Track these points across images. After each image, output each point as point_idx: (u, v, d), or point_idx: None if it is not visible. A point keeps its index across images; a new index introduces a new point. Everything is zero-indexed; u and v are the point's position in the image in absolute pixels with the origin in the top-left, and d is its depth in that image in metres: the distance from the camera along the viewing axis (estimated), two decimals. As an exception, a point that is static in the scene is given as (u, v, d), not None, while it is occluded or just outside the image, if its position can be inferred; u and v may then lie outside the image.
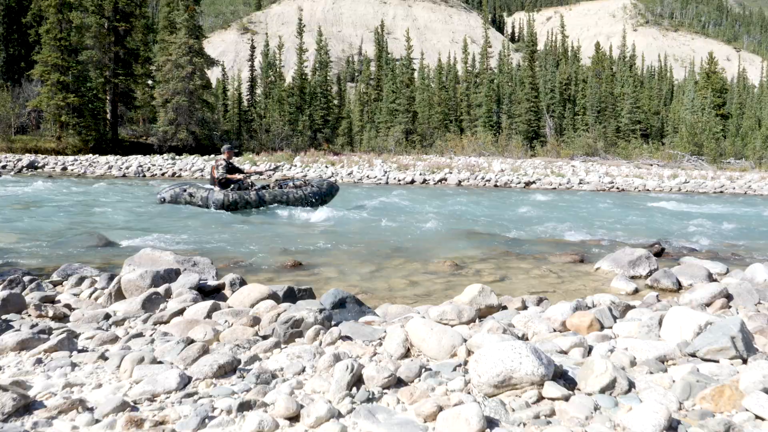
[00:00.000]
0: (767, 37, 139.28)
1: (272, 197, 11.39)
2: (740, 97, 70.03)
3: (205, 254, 6.66)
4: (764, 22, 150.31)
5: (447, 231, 9.69)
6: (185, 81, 33.92)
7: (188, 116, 34.52)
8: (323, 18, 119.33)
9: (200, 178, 23.55)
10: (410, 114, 48.16)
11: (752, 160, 41.72)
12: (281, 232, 8.98)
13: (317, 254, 7.04)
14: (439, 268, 6.40)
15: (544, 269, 6.34)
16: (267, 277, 5.71)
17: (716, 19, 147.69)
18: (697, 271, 5.66)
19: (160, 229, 8.68)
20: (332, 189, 12.35)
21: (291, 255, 6.84)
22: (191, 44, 34.14)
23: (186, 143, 34.12)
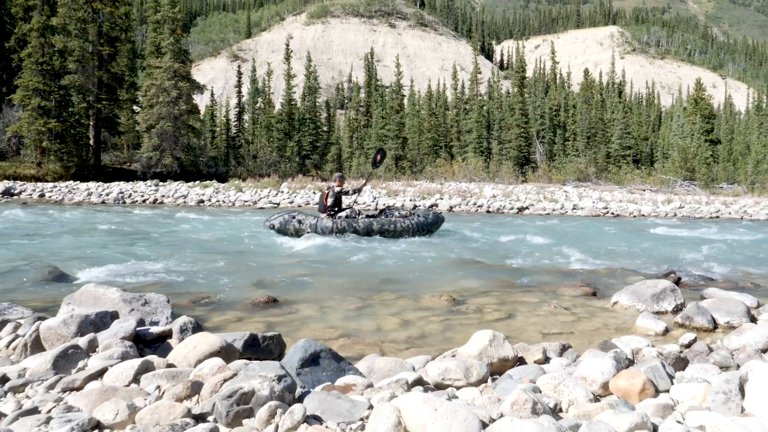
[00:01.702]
0: (752, 65, 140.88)
1: (380, 226, 11.25)
2: (728, 123, 70.20)
3: (170, 288, 5.85)
4: (748, 50, 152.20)
5: (441, 260, 8.89)
6: (170, 106, 33.19)
7: (173, 142, 33.72)
8: (313, 45, 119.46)
9: (183, 205, 22.71)
10: (400, 140, 47.59)
11: (744, 184, 41.34)
12: (260, 262, 8.15)
13: (296, 288, 6.22)
14: (434, 303, 5.60)
15: (555, 305, 5.54)
16: (234, 317, 4.88)
17: (702, 47, 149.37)
18: (733, 307, 4.88)
19: (129, 258, 7.83)
20: (438, 219, 12.18)
21: (266, 289, 6.01)
22: (177, 68, 33.48)
23: (171, 169, 33.26)
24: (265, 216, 17.69)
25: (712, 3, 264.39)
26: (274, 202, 23.76)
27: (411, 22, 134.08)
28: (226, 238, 11.20)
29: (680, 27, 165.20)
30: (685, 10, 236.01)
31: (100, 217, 15.29)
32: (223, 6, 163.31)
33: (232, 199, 23.99)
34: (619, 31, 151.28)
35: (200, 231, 12.46)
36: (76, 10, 33.54)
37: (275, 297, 5.55)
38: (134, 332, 3.24)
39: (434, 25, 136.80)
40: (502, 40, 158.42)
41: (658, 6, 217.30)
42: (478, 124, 49.67)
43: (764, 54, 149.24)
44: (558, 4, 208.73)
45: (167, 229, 12.80)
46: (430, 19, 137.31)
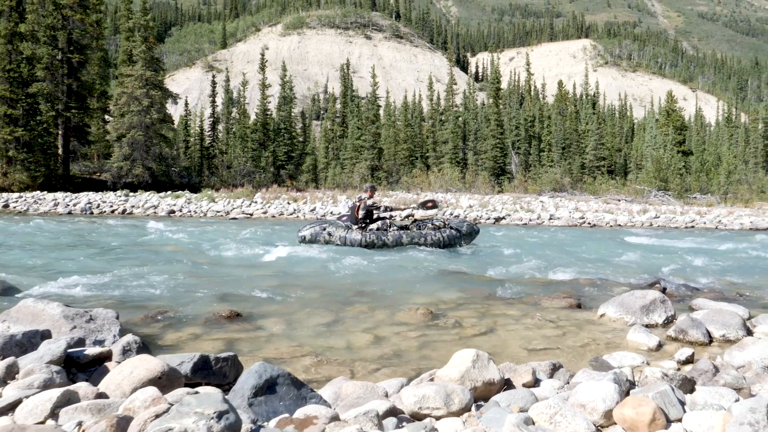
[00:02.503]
0: (720, 78, 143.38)
1: (410, 239, 11.08)
2: (699, 134, 71.19)
3: (124, 302, 5.40)
4: (717, 63, 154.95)
5: (418, 271, 8.53)
6: (142, 114, 32.52)
7: (145, 151, 33.02)
8: (289, 56, 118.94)
9: (153, 216, 22.08)
10: (376, 150, 47.29)
11: (717, 195, 41.74)
12: (227, 274, 7.70)
13: (263, 302, 5.80)
14: (410, 317, 5.23)
15: (538, 318, 5.20)
16: (191, 334, 4.46)
17: (672, 61, 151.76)
18: (728, 319, 4.58)
19: (85, 270, 7.33)
20: (472, 231, 11.96)
21: (230, 303, 5.59)
22: (149, 77, 32.85)
23: (142, 179, 32.55)
24: (237, 226, 17.21)
25: (682, 18, 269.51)
26: (247, 213, 23.26)
27: (387, 34, 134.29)
28: (194, 249, 10.73)
29: (651, 41, 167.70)
30: (656, 25, 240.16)
31: (64, 228, 14.68)
32: (199, 16, 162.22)
33: (204, 210, 23.44)
34: (592, 44, 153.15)
35: (167, 242, 11.96)
36: (45, 16, 32.80)
37: (238, 311, 5.13)
38: (64, 355, 2.81)
39: (410, 37, 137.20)
40: (477, 52, 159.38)
41: (629, 20, 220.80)
42: (454, 135, 49.61)
43: (732, 68, 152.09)
44: (532, 17, 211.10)
45: (132, 240, 12.28)
46: (405, 31, 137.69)
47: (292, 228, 17.32)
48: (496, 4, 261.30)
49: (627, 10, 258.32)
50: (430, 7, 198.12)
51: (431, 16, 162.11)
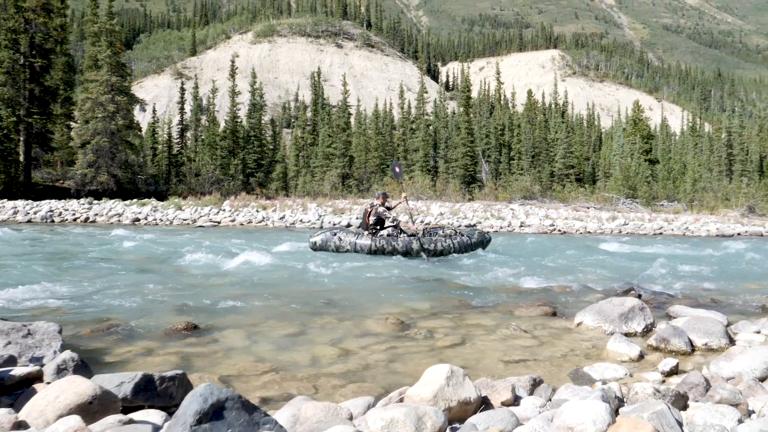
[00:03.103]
0: (685, 89, 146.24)
1: (419, 246, 10.96)
2: (664, 143, 72.26)
3: (73, 314, 5.04)
4: (681, 74, 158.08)
5: (388, 278, 8.26)
6: (107, 121, 31.74)
7: (110, 158, 32.23)
8: (260, 64, 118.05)
9: (117, 224, 21.49)
10: (347, 158, 46.98)
11: (684, 202, 42.29)
12: (187, 283, 7.34)
13: (223, 313, 5.47)
14: (379, 327, 4.96)
15: (513, 327, 4.97)
16: (143, 349, 4.13)
17: (638, 71, 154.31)
18: (710, 327, 4.40)
19: (35, 280, 6.90)
20: (483, 239, 11.92)
21: (188, 314, 5.26)
22: (114, 82, 32.11)
23: (107, 187, 31.74)
24: (204, 235, 16.78)
25: (647, 30, 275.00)
26: (215, 221, 22.78)
27: (358, 43, 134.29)
28: (156, 258, 10.32)
29: (618, 52, 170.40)
30: (622, 36, 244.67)
31: (20, 236, 14.10)
32: (168, 23, 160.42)
33: (171, 218, 22.89)
34: (560, 55, 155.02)
35: (128, 251, 11.52)
36: (7, 19, 31.88)
37: (196, 324, 4.81)
38: (-14, 375, 2.48)
39: (381, 46, 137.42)
40: (447, 61, 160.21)
41: (596, 31, 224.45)
42: (425, 143, 49.57)
43: (696, 78, 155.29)
44: (501, 28, 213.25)
45: (92, 249, 11.81)
46: (376, 40, 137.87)
47: (260, 236, 16.95)
48: (466, 14, 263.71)
49: (594, 22, 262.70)
50: (401, 17, 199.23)
51: (402, 26, 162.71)
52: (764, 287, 9.04)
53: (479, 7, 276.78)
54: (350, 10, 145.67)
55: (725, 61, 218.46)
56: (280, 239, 14.85)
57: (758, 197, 40.68)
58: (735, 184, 46.26)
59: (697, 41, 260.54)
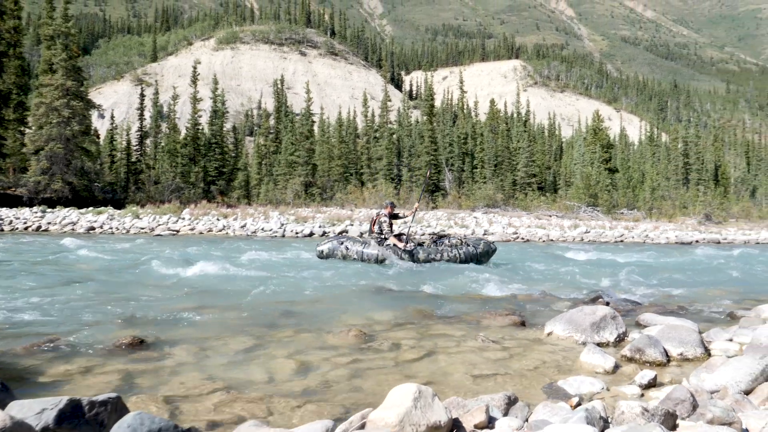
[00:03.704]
0: (642, 99, 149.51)
1: (426, 254, 10.96)
2: (623, 152, 73.58)
3: (8, 329, 4.66)
4: (639, 85, 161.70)
5: (350, 288, 7.99)
6: (62, 126, 30.81)
7: (65, 165, 31.29)
8: (222, 71, 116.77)
9: (70, 233, 20.77)
10: (310, 166, 46.58)
11: (643, 210, 42.99)
12: (137, 294, 6.95)
13: (174, 326, 5.13)
14: (341, 340, 4.69)
15: (482, 338, 4.75)
16: (82, 367, 3.79)
17: (598, 82, 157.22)
18: (685, 336, 4.25)
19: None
20: (489, 249, 11.79)
21: (137, 328, 4.91)
22: (69, 86, 31.22)
23: (61, 195, 30.78)
24: (161, 243, 16.27)
25: (606, 41, 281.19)
26: (174, 229, 22.21)
27: (322, 51, 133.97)
28: (107, 267, 9.86)
29: (578, 62, 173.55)
30: (582, 47, 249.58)
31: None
32: (128, 29, 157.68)
33: (127, 226, 22.24)
34: (522, 65, 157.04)
35: (78, 260, 11.02)
36: (-45, 21, 30.84)
37: (143, 338, 4.47)
38: None
39: (345, 54, 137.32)
40: (411, 70, 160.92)
41: (557, 43, 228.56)
42: (389, 151, 49.50)
43: (653, 89, 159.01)
44: (464, 38, 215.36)
45: (39, 258, 11.27)
46: (340, 49, 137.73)
47: (220, 245, 16.51)
48: (429, 24, 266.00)
49: (555, 33, 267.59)
50: (365, 26, 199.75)
51: (366, 34, 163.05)
52: (727, 293, 9.05)
53: (442, 17, 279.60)
54: (314, 18, 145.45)
55: (681, 72, 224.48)
56: (240, 248, 14.46)
57: (714, 205, 41.61)
58: (692, 193, 47.26)
59: (654, 53, 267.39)
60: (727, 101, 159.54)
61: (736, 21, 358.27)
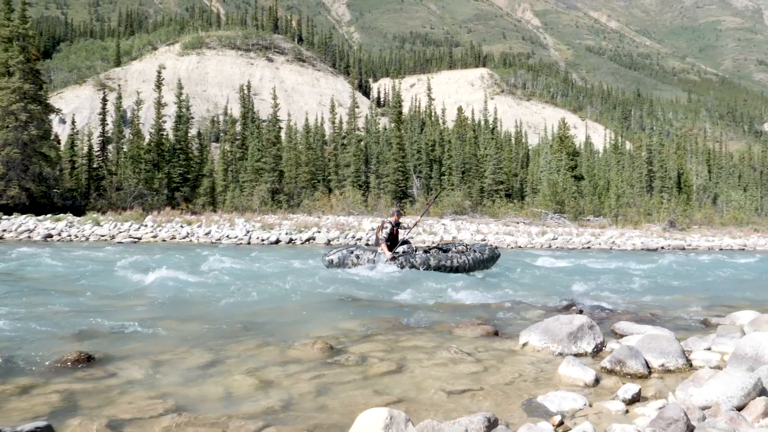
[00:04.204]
0: (607, 108, 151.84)
1: (437, 262, 10.84)
2: (589, 160, 74.56)
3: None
4: (603, 94, 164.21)
5: (316, 297, 7.70)
6: (19, 131, 29.87)
7: (22, 171, 30.31)
8: (187, 77, 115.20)
9: (27, 241, 20.07)
10: (276, 173, 46.06)
11: (609, 217, 43.47)
12: (92, 305, 6.57)
13: (127, 339, 4.80)
14: (306, 353, 4.42)
15: (454, 350, 4.51)
16: (20, 387, 3.46)
17: (563, 90, 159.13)
18: (666, 346, 4.08)
19: None
20: (494, 255, 11.91)
21: (85, 341, 4.58)
22: (27, 89, 30.30)
23: (18, 201, 29.78)
24: (122, 251, 15.73)
25: (571, 51, 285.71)
26: (135, 237, 21.62)
27: (289, 57, 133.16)
28: (61, 277, 9.41)
29: (543, 71, 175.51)
30: (548, 56, 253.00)
31: None
32: (91, 33, 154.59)
33: (87, 234, 21.59)
34: (489, 73, 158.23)
35: (32, 269, 10.52)
36: None
37: (91, 353, 4.14)
38: None
39: (312, 60, 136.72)
40: (379, 78, 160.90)
41: (523, 52, 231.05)
42: (356, 158, 49.28)
43: (617, 98, 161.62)
44: (432, 46, 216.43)
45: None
46: (308, 55, 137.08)
47: (183, 252, 16.04)
48: (397, 31, 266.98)
49: (521, 42, 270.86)
50: (333, 32, 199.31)
51: (334, 41, 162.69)
52: (697, 300, 9.01)
53: (410, 25, 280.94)
54: (281, 24, 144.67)
55: (644, 82, 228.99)
56: (203, 256, 14.05)
57: (678, 212, 42.25)
58: (656, 200, 47.97)
59: (618, 63, 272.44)
60: (689, 110, 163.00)
61: (696, 32, 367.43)
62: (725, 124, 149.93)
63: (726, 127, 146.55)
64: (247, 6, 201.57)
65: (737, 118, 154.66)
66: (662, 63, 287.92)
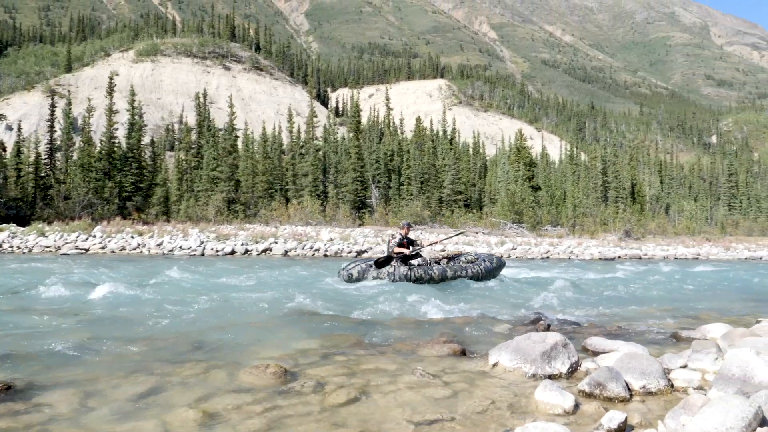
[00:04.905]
0: (562, 120, 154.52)
1: (453, 273, 11.24)
2: (545, 171, 75.55)
3: None
4: (559, 106, 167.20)
5: (273, 312, 7.25)
6: (-40, 138, 28.60)
7: (-37, 179, 29.02)
8: (141, 84, 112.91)
9: (-35, 252, 19.03)
10: (232, 182, 45.20)
11: (566, 226, 43.89)
12: (20, 324, 5.99)
13: (56, 364, 4.30)
14: (258, 378, 4.00)
15: (420, 372, 4.16)
16: None
17: (520, 102, 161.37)
18: (646, 366, 3.81)
19: None
20: (501, 263, 12.40)
21: (7, 368, 4.07)
22: (-31, 95, 29.05)
23: (-42, 211, 28.49)
24: (66, 263, 14.95)
25: (527, 63, 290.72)
26: (82, 248, 20.71)
27: (246, 66, 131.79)
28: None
29: (500, 83, 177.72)
30: (504, 69, 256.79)
31: None
32: (41, 37, 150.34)
33: (30, 245, 20.59)
34: (447, 84, 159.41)
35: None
36: None
37: (11, 383, 3.65)
38: None
39: (270, 69, 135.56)
40: (337, 87, 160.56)
41: (480, 63, 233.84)
42: (314, 168, 48.79)
43: (572, 110, 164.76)
44: (390, 56, 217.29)
45: None
46: (265, 64, 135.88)
47: (132, 264, 15.35)
48: (356, 42, 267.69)
49: (478, 54, 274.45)
50: (291, 42, 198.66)
51: (292, 50, 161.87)
52: (661, 311, 8.90)
53: (368, 35, 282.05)
54: (239, 32, 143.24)
55: (597, 95, 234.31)
56: (154, 268, 13.42)
57: (633, 222, 42.92)
58: (611, 209, 48.71)
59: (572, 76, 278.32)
60: (641, 123, 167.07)
61: (647, 47, 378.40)
62: (675, 136, 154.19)
63: (676, 139, 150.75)
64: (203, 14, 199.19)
65: (687, 131, 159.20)
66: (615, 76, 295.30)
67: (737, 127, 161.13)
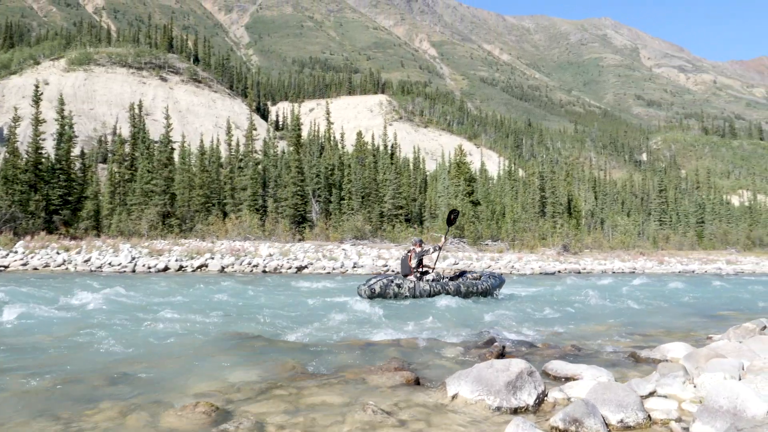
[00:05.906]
0: (500, 136, 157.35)
1: (467, 288, 11.91)
2: (484, 186, 76.50)
3: None
4: (497, 123, 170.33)
5: (204, 338, 6.62)
6: None
7: None
8: (73, 94, 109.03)
9: None
10: (168, 195, 43.71)
11: (506, 241, 44.26)
12: None
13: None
14: (185, 420, 3.45)
15: (372, 407, 3.68)
16: None
17: (459, 119, 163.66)
18: (623, 397, 3.46)
19: None
20: (502, 280, 13.23)
21: None
22: None
23: None
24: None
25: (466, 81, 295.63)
26: (1, 265, 19.36)
27: (184, 77, 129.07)
28: None
29: (440, 100, 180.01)
30: (444, 86, 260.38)
31: None
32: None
33: (-57, 262, 19.12)
34: (387, 100, 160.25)
35: None
36: None
37: None
38: None
39: (208, 81, 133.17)
40: (277, 101, 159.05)
41: (420, 80, 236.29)
42: (253, 181, 47.78)
43: (510, 127, 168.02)
44: (331, 71, 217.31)
45: None
46: (204, 76, 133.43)
47: (54, 283, 14.31)
48: (296, 56, 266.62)
49: (419, 71, 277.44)
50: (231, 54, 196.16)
51: (232, 63, 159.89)
52: (612, 328, 8.75)
53: (309, 50, 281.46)
54: (176, 43, 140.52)
55: (534, 112, 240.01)
56: (79, 286, 12.48)
57: (570, 236, 43.65)
58: (549, 224, 49.47)
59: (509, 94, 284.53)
60: (575, 140, 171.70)
61: (581, 68, 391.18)
62: (608, 154, 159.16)
63: (609, 157, 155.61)
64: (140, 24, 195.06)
65: (619, 148, 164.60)
66: (550, 95, 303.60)
67: (666, 145, 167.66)
